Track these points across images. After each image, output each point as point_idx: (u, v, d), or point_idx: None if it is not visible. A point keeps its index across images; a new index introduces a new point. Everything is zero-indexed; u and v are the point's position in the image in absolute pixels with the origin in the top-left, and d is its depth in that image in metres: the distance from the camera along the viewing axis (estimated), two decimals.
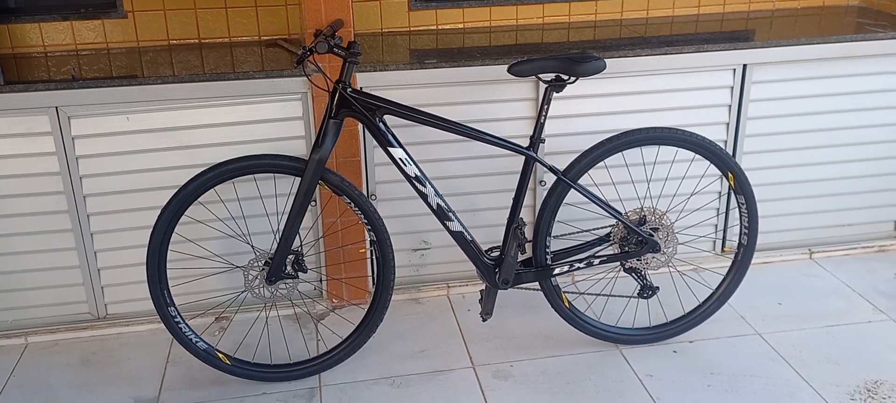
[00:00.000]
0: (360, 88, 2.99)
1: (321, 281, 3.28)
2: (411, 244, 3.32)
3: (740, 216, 2.93)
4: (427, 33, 3.58)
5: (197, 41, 3.45)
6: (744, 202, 2.89)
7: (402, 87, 3.04)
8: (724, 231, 3.53)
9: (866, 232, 3.67)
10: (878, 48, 3.31)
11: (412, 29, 3.60)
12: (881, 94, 3.41)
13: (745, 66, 3.26)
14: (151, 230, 2.64)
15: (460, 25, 3.63)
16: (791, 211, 3.56)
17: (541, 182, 3.24)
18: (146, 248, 2.65)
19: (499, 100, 3.12)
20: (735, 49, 3.22)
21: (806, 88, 3.35)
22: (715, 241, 3.56)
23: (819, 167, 3.50)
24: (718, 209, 3.47)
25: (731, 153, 3.36)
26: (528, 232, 2.86)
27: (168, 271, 2.70)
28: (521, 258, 2.82)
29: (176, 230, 2.68)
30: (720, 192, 3.41)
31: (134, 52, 3.35)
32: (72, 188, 2.97)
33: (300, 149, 3.04)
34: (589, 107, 3.21)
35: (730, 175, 2.85)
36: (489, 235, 3.08)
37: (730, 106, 3.32)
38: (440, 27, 3.62)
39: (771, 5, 3.88)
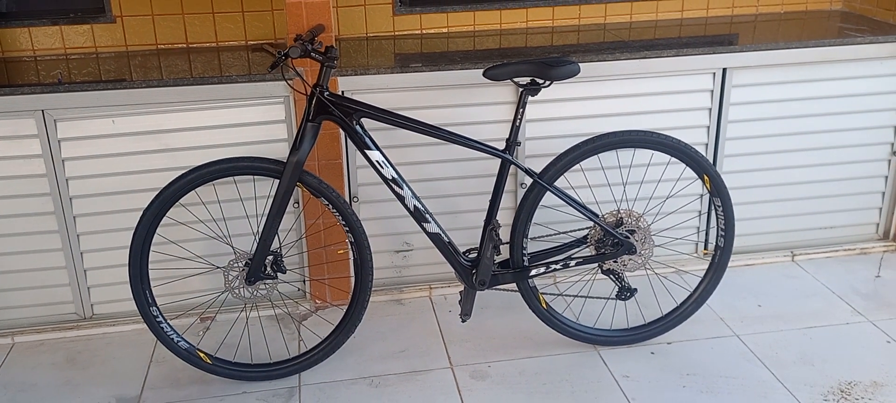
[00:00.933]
0: (342, 92, 3.03)
1: (304, 281, 3.33)
2: (394, 245, 3.36)
3: (717, 218, 2.95)
4: (411, 38, 3.62)
5: (185, 46, 3.50)
6: (720, 204, 2.91)
7: (383, 91, 3.08)
8: (707, 232, 3.55)
9: (848, 234, 3.69)
10: (857, 52, 3.33)
11: (397, 33, 3.64)
12: (862, 98, 3.43)
13: (724, 69, 3.29)
14: (133, 231, 2.69)
15: (444, 30, 3.67)
16: (773, 214, 3.59)
17: (522, 184, 3.27)
18: (128, 249, 2.70)
19: (479, 103, 3.16)
20: (714, 53, 3.25)
21: (786, 92, 3.38)
22: (697, 244, 3.58)
23: (801, 170, 3.52)
24: (700, 211, 3.50)
25: (711, 156, 3.40)
26: (506, 234, 2.89)
27: (150, 272, 2.75)
28: (498, 259, 2.86)
29: (158, 231, 2.73)
30: (701, 194, 3.43)
31: (122, 57, 3.40)
32: (58, 190, 3.02)
33: (283, 151, 3.07)
34: (571, 111, 3.24)
35: (705, 177, 2.88)
36: (470, 237, 3.11)
37: (710, 109, 3.35)
38: (424, 32, 3.66)
39: (754, 9, 3.91)
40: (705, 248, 3.59)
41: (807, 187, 3.56)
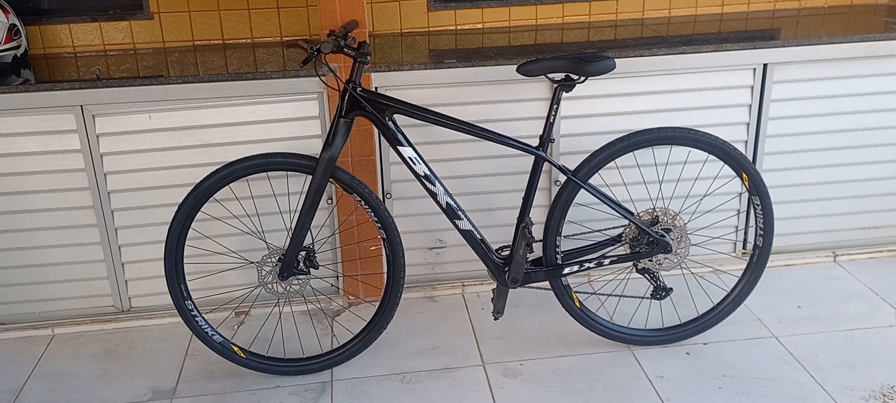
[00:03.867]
0: (375, 88, 3.04)
1: (337, 277, 3.34)
2: (427, 242, 3.35)
3: (755, 217, 2.89)
4: (446, 33, 3.61)
5: (220, 42, 3.54)
6: (759, 203, 2.85)
7: (416, 87, 3.07)
8: (745, 232, 3.49)
9: (892, 234, 3.59)
10: None
11: (431, 29, 3.63)
12: None
13: (765, 65, 3.22)
14: (169, 226, 2.71)
15: (479, 26, 3.66)
16: (814, 213, 3.50)
17: (556, 182, 3.24)
18: (163, 244, 2.73)
19: (513, 99, 3.14)
20: (755, 48, 3.18)
21: (829, 88, 3.29)
22: (735, 243, 3.52)
23: (843, 168, 3.43)
24: (738, 210, 3.43)
25: (751, 153, 3.33)
26: (540, 232, 2.86)
27: (185, 266, 2.78)
28: (531, 257, 2.83)
29: (193, 226, 2.75)
30: (740, 193, 3.37)
31: (160, 53, 3.44)
32: (96, 184, 3.06)
33: (317, 147, 3.05)
34: (607, 108, 3.20)
35: (744, 175, 2.82)
36: (503, 235, 3.08)
37: (750, 106, 3.28)
38: (459, 27, 3.65)
39: (797, 4, 3.83)
40: (743, 248, 3.53)
41: (850, 186, 3.47)
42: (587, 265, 2.85)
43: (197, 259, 3.01)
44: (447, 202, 2.74)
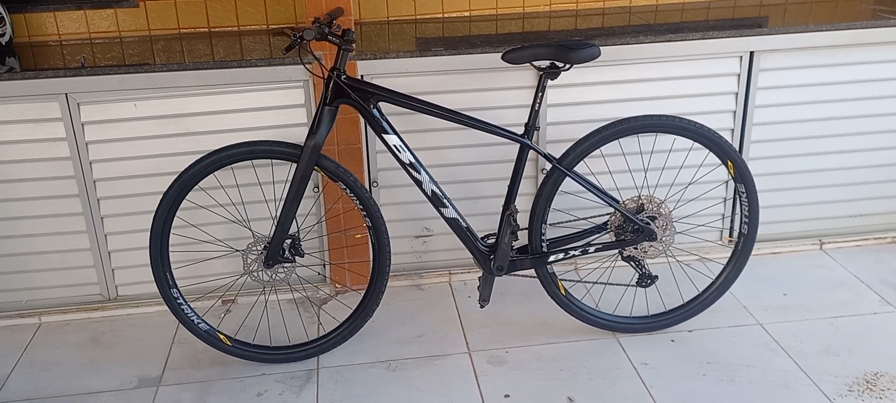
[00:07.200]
0: (361, 76, 3.03)
1: (324, 265, 3.34)
2: (414, 231, 3.35)
3: (740, 205, 2.90)
4: (433, 21, 3.60)
5: (207, 30, 3.52)
6: (744, 191, 2.86)
7: (402, 75, 3.06)
8: (730, 220, 3.50)
9: (878, 223, 3.61)
10: (891, 35, 3.23)
11: (418, 17, 3.62)
12: (894, 82, 3.34)
13: (752, 53, 3.22)
14: (153, 214, 2.71)
15: (466, 14, 3.64)
16: (801, 201, 3.51)
17: (541, 170, 3.24)
18: (149, 232, 2.72)
19: (499, 87, 3.13)
20: (741, 36, 3.18)
21: (816, 76, 3.30)
22: (721, 231, 3.53)
23: (830, 156, 3.44)
24: (724, 198, 3.44)
25: (737, 141, 3.34)
26: (525, 220, 2.86)
27: (171, 254, 2.77)
28: (517, 245, 2.83)
29: (178, 215, 2.75)
30: (725, 181, 3.38)
31: (145, 41, 3.43)
32: (82, 173, 3.05)
33: (302, 135, 3.04)
34: (593, 95, 3.20)
35: (729, 163, 2.83)
36: (489, 223, 3.08)
37: (737, 94, 3.29)
38: (446, 15, 3.64)
39: None
40: (729, 236, 3.53)
41: (836, 174, 3.48)
42: (572, 253, 2.86)
43: (182, 247, 3.01)
44: (432, 190, 2.74)
